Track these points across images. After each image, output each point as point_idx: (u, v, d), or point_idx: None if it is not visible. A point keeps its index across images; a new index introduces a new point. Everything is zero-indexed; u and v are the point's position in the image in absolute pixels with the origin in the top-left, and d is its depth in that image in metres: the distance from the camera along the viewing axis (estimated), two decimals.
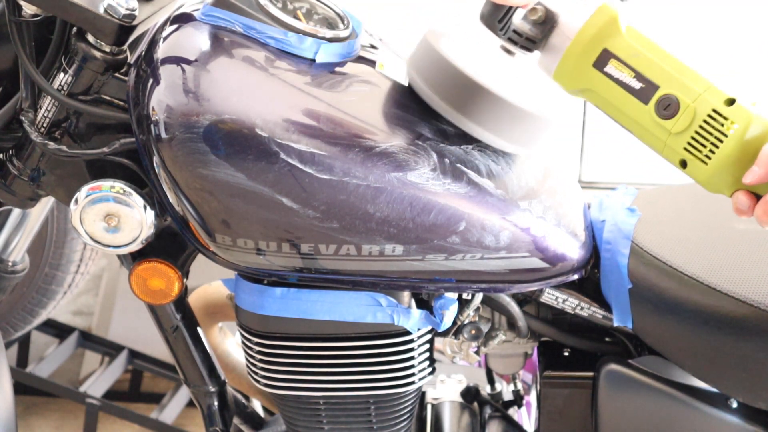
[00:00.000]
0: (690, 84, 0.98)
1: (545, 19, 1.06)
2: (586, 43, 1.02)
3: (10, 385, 1.33)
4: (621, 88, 1.01)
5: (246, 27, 1.13)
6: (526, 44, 1.08)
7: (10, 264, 1.40)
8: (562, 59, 1.04)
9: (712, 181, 0.98)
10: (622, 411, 1.23)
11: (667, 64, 0.99)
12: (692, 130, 0.97)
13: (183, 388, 2.51)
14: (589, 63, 1.02)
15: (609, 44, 1.01)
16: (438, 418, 1.43)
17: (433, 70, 1.11)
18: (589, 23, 1.02)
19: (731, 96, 0.97)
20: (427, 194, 1.09)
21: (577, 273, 1.19)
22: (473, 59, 1.12)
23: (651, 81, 0.99)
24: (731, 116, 0.95)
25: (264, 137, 1.07)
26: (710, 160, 0.96)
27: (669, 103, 0.98)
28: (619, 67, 1.00)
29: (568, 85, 1.05)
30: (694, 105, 0.97)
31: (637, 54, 1.00)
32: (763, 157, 0.93)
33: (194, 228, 1.13)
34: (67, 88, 1.15)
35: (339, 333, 1.20)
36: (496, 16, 1.08)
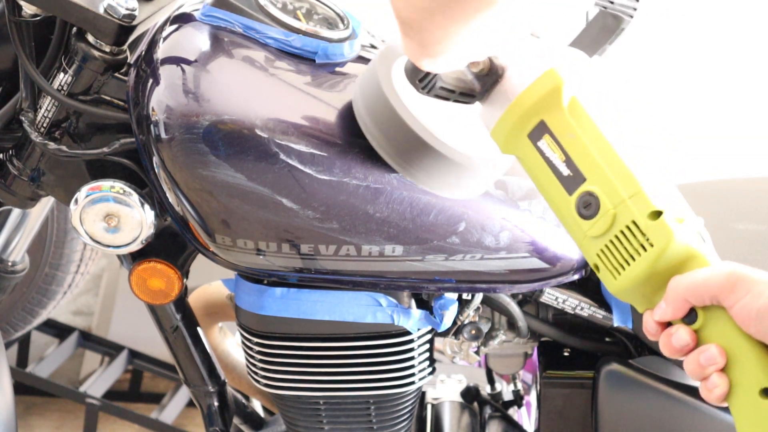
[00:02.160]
0: (617, 185, 0.85)
1: (488, 72, 0.93)
2: (524, 109, 0.89)
3: (10, 385, 1.33)
4: (549, 170, 0.88)
5: (246, 27, 1.13)
6: (461, 99, 0.96)
7: (10, 264, 1.40)
8: (499, 121, 0.91)
9: (620, 296, 0.87)
10: (622, 411, 1.23)
11: (601, 155, 0.86)
12: (607, 239, 0.85)
13: (183, 388, 2.51)
14: (524, 131, 0.89)
15: (547, 117, 0.88)
16: (438, 418, 1.43)
17: (371, 97, 1.03)
18: (531, 88, 0.89)
19: (659, 208, 0.84)
20: (427, 195, 1.09)
21: (577, 273, 1.19)
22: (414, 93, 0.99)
23: (579, 171, 0.86)
24: (650, 234, 0.83)
25: (264, 138, 1.07)
26: (619, 276, 0.85)
27: (590, 203, 0.85)
28: (552, 145, 0.88)
29: (502, 147, 0.93)
30: (614, 211, 0.84)
31: (573, 135, 0.87)
32: (671, 294, 0.82)
33: (194, 228, 1.13)
34: (67, 88, 1.15)
35: (339, 333, 1.20)
36: (416, 75, 0.95)
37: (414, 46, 0.88)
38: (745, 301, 0.78)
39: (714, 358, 0.80)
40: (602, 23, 1.03)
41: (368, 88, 1.04)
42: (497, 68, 0.93)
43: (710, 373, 0.80)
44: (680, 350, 0.82)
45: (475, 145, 1.03)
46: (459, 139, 1.02)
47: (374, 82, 1.04)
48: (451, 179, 1.04)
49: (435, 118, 1.02)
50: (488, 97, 0.94)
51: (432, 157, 1.02)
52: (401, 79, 1.01)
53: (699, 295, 0.81)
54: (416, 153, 1.02)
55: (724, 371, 0.80)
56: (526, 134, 0.89)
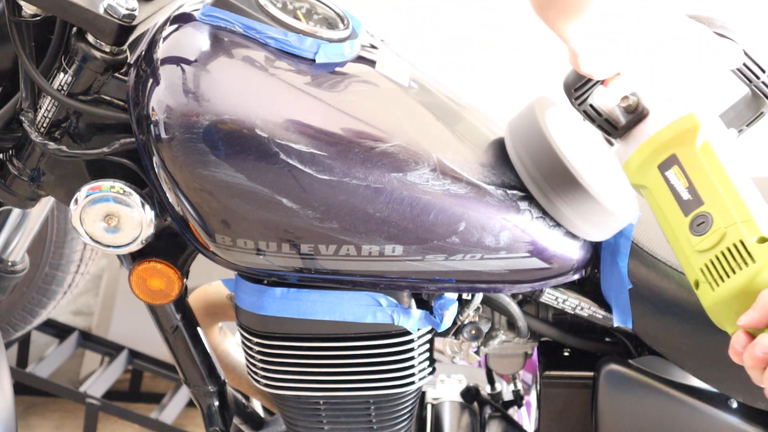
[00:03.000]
0: (731, 210, 0.95)
1: (635, 109, 1.06)
2: (660, 143, 1.02)
3: (10, 385, 1.33)
4: (671, 194, 1.00)
5: (246, 27, 1.13)
6: (604, 125, 1.08)
7: (10, 264, 1.40)
8: (635, 152, 1.03)
9: (714, 311, 0.95)
10: (622, 411, 1.23)
11: (722, 186, 0.97)
12: (713, 253, 0.94)
13: (183, 388, 2.51)
14: (655, 163, 1.02)
15: (679, 151, 1.00)
16: (438, 418, 1.43)
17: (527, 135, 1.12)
18: (671, 126, 1.01)
19: (766, 234, 0.94)
20: (427, 195, 1.09)
21: (577, 273, 1.19)
22: (572, 137, 1.13)
23: (698, 195, 0.98)
24: (754, 253, 0.92)
25: (264, 138, 1.07)
26: (717, 287, 0.93)
27: (703, 221, 0.96)
28: (678, 174, 1.00)
29: (632, 178, 1.05)
30: (725, 230, 0.94)
31: (699, 168, 0.99)
32: (760, 302, 0.89)
33: (194, 228, 1.13)
34: (67, 88, 1.15)
35: (339, 333, 1.20)
36: (574, 84, 1.08)
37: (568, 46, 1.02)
38: None
39: None
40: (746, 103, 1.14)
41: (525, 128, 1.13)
42: (643, 108, 1.06)
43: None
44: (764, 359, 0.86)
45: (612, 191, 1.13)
46: (601, 185, 1.12)
47: (532, 121, 1.12)
48: (592, 221, 1.12)
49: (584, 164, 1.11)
50: (629, 134, 1.07)
51: (578, 195, 1.10)
52: (555, 126, 1.12)
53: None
54: (565, 187, 1.10)
55: None
56: (656, 165, 1.01)
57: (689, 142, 1.00)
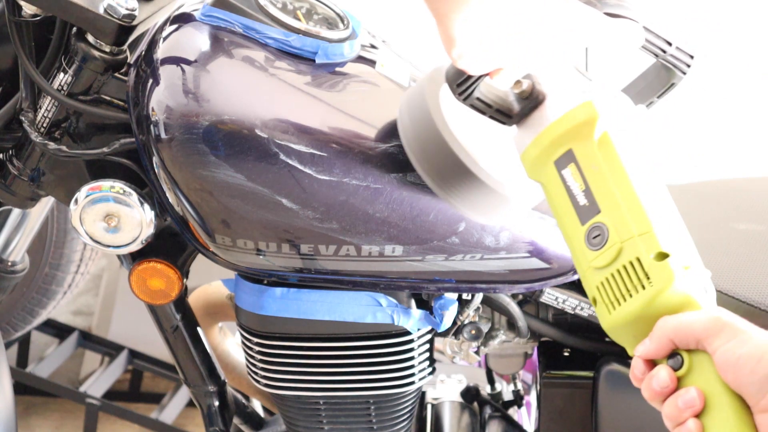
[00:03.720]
0: (629, 220, 0.85)
1: (529, 94, 0.95)
2: (556, 136, 0.90)
3: (10, 385, 1.33)
4: (568, 198, 0.89)
5: (246, 27, 1.13)
6: (496, 116, 0.97)
7: (10, 264, 1.40)
8: (530, 144, 0.93)
9: (612, 333, 0.87)
10: (622, 411, 1.23)
11: (620, 190, 0.86)
12: (609, 272, 0.85)
13: (183, 388, 2.51)
14: (551, 158, 0.91)
15: (575, 146, 0.89)
16: (438, 418, 1.44)
17: (416, 116, 1.04)
18: (567, 116, 0.90)
19: (665, 251, 0.83)
20: (427, 195, 1.09)
21: (577, 273, 1.19)
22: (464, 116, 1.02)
23: (595, 202, 0.87)
24: (652, 273, 0.83)
25: (263, 138, 1.07)
26: (614, 310, 0.84)
27: (599, 233, 0.86)
28: (575, 174, 0.89)
29: (529, 172, 0.95)
30: (621, 244, 0.84)
31: (596, 167, 0.88)
32: (657, 332, 0.81)
33: (194, 228, 1.13)
34: (67, 88, 1.15)
35: (339, 333, 1.20)
36: (455, 79, 0.96)
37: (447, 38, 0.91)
38: (728, 347, 0.77)
39: (692, 401, 0.78)
40: (655, 75, 1.05)
41: (414, 107, 1.05)
42: (539, 93, 0.95)
43: (686, 418, 0.78)
44: (660, 392, 0.80)
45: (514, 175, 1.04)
46: (498, 169, 1.03)
47: (421, 101, 1.04)
48: (486, 205, 1.04)
49: (478, 147, 1.03)
50: (525, 121, 0.96)
51: (469, 182, 1.02)
52: (448, 104, 1.02)
53: (684, 337, 0.80)
54: (455, 176, 1.02)
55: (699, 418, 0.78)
56: (552, 161, 0.91)
57: (586, 135, 0.89)
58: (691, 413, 0.78)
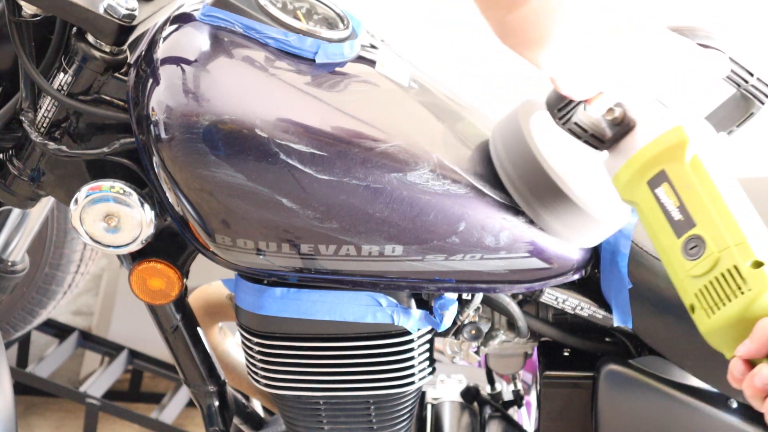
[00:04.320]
0: (724, 233, 0.92)
1: (621, 121, 1.04)
2: (648, 158, 0.98)
3: (10, 385, 1.33)
4: (662, 214, 0.97)
5: (246, 27, 1.13)
6: (591, 140, 1.06)
7: (10, 264, 1.40)
8: (623, 167, 1.01)
9: (710, 337, 0.93)
10: (622, 411, 1.23)
11: (713, 206, 0.94)
12: (707, 279, 0.92)
13: (183, 388, 2.51)
14: (644, 179, 0.99)
15: (668, 167, 0.97)
16: (438, 418, 1.43)
17: (511, 143, 1.11)
18: (658, 140, 0.98)
19: (760, 259, 0.90)
20: (427, 195, 1.09)
21: (577, 273, 1.19)
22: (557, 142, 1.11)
23: (690, 216, 0.95)
24: (749, 279, 0.89)
25: (264, 138, 1.07)
26: (714, 315, 0.91)
27: (696, 245, 0.93)
28: (669, 192, 0.97)
29: (622, 193, 1.02)
30: (718, 254, 0.92)
31: (689, 186, 0.96)
32: (757, 333, 0.87)
33: (194, 228, 1.13)
34: (67, 88, 1.15)
35: (339, 333, 1.20)
36: (557, 104, 1.05)
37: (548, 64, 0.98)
38: None
39: None
40: (735, 105, 1.12)
41: (508, 134, 1.12)
42: (629, 120, 1.04)
43: None
44: (763, 389, 0.84)
45: (601, 199, 1.11)
46: (587, 192, 1.10)
47: (515, 128, 1.11)
48: (576, 227, 1.11)
49: (568, 171, 1.10)
50: (616, 146, 1.05)
51: (563, 204, 1.09)
52: (539, 132, 1.10)
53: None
54: (548, 198, 1.09)
55: None
56: (645, 181, 0.98)
57: (678, 157, 0.97)
58: None
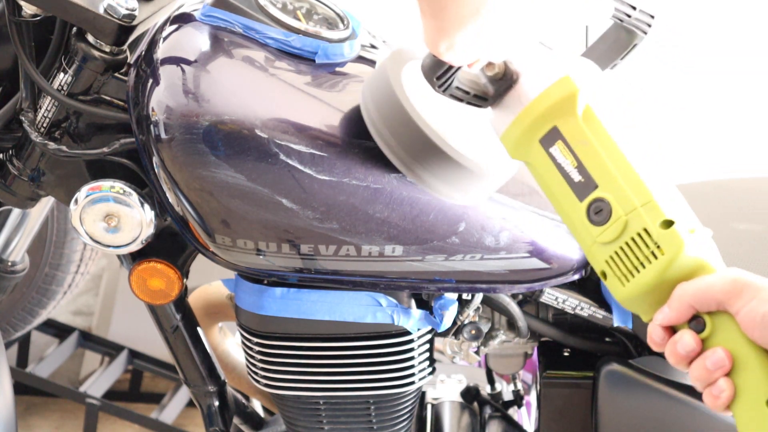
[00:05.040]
0: (630, 192, 0.86)
1: (503, 75, 0.95)
2: (537, 114, 0.90)
3: (10, 385, 1.33)
4: (560, 175, 0.89)
5: (246, 27, 1.13)
6: (474, 101, 0.97)
7: (10, 264, 1.40)
8: (511, 125, 0.92)
9: (627, 304, 0.88)
10: (622, 411, 1.23)
11: (614, 163, 0.87)
12: (617, 245, 0.85)
13: (183, 388, 2.51)
14: (536, 137, 0.90)
15: (560, 123, 0.89)
16: (438, 418, 1.43)
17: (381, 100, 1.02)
18: (545, 94, 0.90)
19: (670, 218, 0.85)
20: (427, 195, 1.09)
21: (577, 273, 1.19)
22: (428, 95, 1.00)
23: (591, 177, 0.87)
24: (662, 242, 0.84)
25: (263, 138, 1.07)
26: (628, 282, 0.85)
27: (601, 209, 0.86)
28: (564, 151, 0.89)
29: (512, 152, 0.94)
30: (626, 218, 0.85)
31: (585, 142, 0.88)
32: (675, 300, 0.83)
33: (194, 228, 1.13)
34: (67, 88, 1.15)
35: (339, 333, 1.20)
36: (434, 71, 0.94)
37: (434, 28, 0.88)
38: (751, 306, 0.78)
39: (721, 361, 0.79)
40: (615, 37, 1.05)
41: (378, 90, 1.03)
42: (512, 73, 0.94)
43: (716, 378, 0.80)
44: (686, 356, 0.82)
45: (483, 151, 1.03)
46: (467, 145, 1.02)
47: (385, 83, 1.03)
48: (459, 184, 1.04)
49: (445, 124, 1.02)
50: (500, 101, 0.95)
51: (441, 161, 1.01)
52: (411, 84, 1.01)
53: (704, 301, 0.81)
54: (425, 156, 1.01)
55: (729, 376, 0.80)
56: (537, 139, 0.90)
57: (569, 110, 0.88)
58: (721, 373, 0.80)
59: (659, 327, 0.84)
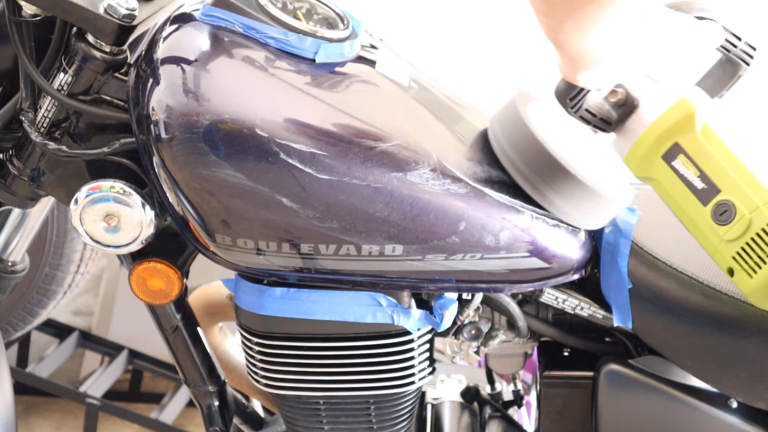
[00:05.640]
0: (751, 194, 0.96)
1: (624, 102, 1.07)
2: (659, 134, 1.02)
3: (10, 385, 1.33)
4: (684, 185, 1.00)
5: (246, 27, 1.13)
6: (599, 124, 1.09)
7: (10, 264, 1.40)
8: (634, 145, 1.04)
9: (755, 295, 0.97)
10: (622, 411, 1.23)
11: (733, 170, 0.98)
12: (743, 241, 0.96)
13: (183, 388, 2.51)
14: (658, 154, 1.02)
15: (681, 139, 1.01)
16: (438, 418, 1.43)
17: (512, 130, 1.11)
18: (666, 115, 1.02)
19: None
20: (427, 194, 1.09)
21: (577, 273, 1.19)
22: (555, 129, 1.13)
23: (713, 183, 0.99)
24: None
25: (264, 137, 1.07)
26: (756, 274, 0.95)
27: (726, 209, 0.97)
28: (686, 163, 1.00)
29: (636, 171, 1.05)
30: (750, 216, 0.95)
31: (706, 154, 0.99)
32: None
33: (194, 228, 1.13)
34: (67, 88, 1.15)
35: (339, 333, 1.20)
36: (568, 94, 1.07)
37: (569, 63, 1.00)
38: None
39: None
40: (722, 69, 1.14)
41: (509, 123, 1.12)
42: (633, 99, 1.07)
43: None
44: None
45: (604, 178, 1.12)
46: (591, 172, 1.11)
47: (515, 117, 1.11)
48: (585, 208, 1.12)
49: (569, 153, 1.11)
50: (622, 126, 1.07)
51: (570, 185, 1.09)
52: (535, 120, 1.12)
53: None
54: (556, 180, 1.09)
55: None
56: (660, 156, 1.01)
57: (689, 128, 1.00)
58: None
59: None
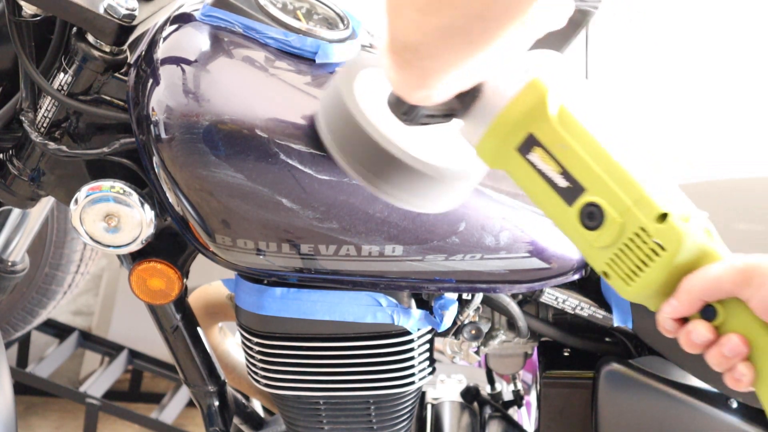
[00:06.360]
0: (620, 192, 0.82)
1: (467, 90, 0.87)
2: (509, 124, 0.85)
3: (10, 385, 1.33)
4: (545, 182, 0.85)
5: (246, 27, 1.13)
6: (442, 120, 0.90)
7: (10, 264, 1.40)
8: (484, 137, 0.87)
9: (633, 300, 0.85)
10: (622, 411, 1.23)
11: (599, 163, 0.83)
12: (616, 247, 0.83)
13: (183, 388, 2.51)
14: (512, 146, 0.85)
15: (534, 129, 0.84)
16: (438, 418, 1.43)
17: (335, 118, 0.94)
18: (515, 102, 0.85)
19: (664, 210, 0.81)
20: None
21: (577, 273, 1.19)
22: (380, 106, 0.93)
23: (577, 182, 0.83)
24: (660, 238, 0.81)
25: (264, 138, 1.07)
26: (633, 282, 0.83)
27: (593, 213, 0.83)
28: (545, 158, 0.84)
29: (490, 164, 0.88)
30: (621, 219, 0.82)
31: (564, 145, 0.83)
32: (683, 292, 0.81)
33: (194, 228, 1.13)
34: (67, 88, 1.15)
35: (339, 333, 1.20)
36: (399, 108, 0.89)
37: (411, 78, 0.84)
38: (762, 294, 0.78)
39: (738, 347, 0.79)
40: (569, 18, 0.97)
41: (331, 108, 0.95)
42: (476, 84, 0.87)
43: (735, 364, 0.80)
44: (701, 345, 0.82)
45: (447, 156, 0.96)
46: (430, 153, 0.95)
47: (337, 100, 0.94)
48: (425, 193, 0.95)
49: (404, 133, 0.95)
50: (468, 113, 0.89)
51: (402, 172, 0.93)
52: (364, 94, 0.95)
53: (713, 293, 0.81)
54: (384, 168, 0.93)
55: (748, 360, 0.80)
56: (514, 148, 0.86)
57: (542, 115, 0.83)
58: (739, 359, 0.80)
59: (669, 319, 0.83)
